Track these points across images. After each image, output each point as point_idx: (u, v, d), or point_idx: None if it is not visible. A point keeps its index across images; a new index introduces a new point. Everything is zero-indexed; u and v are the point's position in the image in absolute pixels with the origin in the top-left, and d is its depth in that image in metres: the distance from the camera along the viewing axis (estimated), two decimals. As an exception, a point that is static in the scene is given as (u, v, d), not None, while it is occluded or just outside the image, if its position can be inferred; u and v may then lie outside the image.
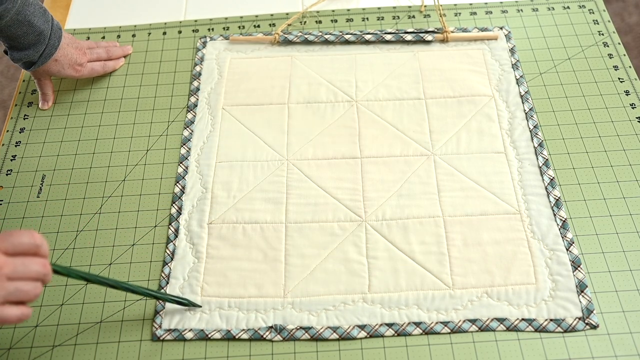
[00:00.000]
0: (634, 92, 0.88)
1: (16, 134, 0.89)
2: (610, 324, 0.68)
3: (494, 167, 0.81)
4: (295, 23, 1.00)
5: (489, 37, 0.95)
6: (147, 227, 0.78)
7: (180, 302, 0.69)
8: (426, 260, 0.73)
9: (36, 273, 0.56)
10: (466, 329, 0.68)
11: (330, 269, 0.73)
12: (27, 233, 0.56)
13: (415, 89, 0.90)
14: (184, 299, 0.69)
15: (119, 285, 0.65)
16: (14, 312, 0.55)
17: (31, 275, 0.56)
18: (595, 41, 0.95)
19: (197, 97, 0.91)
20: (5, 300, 0.54)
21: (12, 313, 0.55)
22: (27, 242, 0.56)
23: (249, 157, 0.83)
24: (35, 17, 0.82)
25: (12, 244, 0.55)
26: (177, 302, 0.69)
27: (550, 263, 0.72)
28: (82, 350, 0.69)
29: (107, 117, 0.90)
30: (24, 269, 0.55)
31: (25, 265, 0.55)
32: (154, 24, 1.02)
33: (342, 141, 0.84)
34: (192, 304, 0.70)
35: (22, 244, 0.56)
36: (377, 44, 0.96)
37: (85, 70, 0.91)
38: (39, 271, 0.56)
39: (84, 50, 0.91)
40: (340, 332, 0.68)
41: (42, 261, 0.57)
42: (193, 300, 0.71)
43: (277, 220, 0.77)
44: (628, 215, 0.76)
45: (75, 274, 0.61)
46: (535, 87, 0.90)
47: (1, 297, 0.54)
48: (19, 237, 0.56)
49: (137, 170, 0.84)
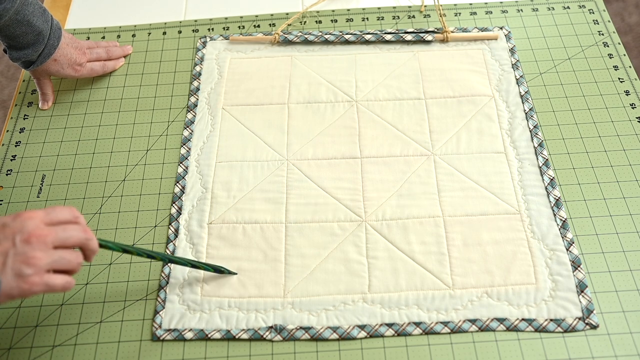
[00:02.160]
0: (634, 92, 0.88)
1: (16, 134, 0.89)
2: (610, 324, 0.68)
3: (494, 167, 0.81)
4: (295, 23, 1.00)
5: (489, 37, 0.95)
6: (147, 227, 0.78)
7: (218, 269, 0.71)
8: (426, 260, 0.73)
9: (78, 238, 0.59)
10: (466, 329, 0.68)
11: (330, 269, 0.73)
12: (67, 208, 0.60)
13: (415, 89, 0.90)
14: (221, 267, 0.72)
15: (159, 256, 0.68)
16: (60, 280, 0.57)
17: (74, 240, 0.58)
18: (595, 41, 0.95)
19: (197, 97, 0.91)
20: (51, 267, 0.57)
21: (58, 281, 0.57)
22: (66, 215, 0.59)
23: (249, 157, 0.83)
24: (34, 17, 0.82)
25: (53, 217, 0.58)
26: (215, 271, 0.71)
27: (550, 263, 0.72)
28: (82, 350, 0.69)
29: (107, 117, 0.90)
30: (66, 235, 0.58)
31: (66, 231, 0.58)
32: (154, 24, 1.02)
33: (342, 141, 0.84)
34: (228, 271, 0.72)
35: (62, 217, 0.59)
36: (377, 44, 0.96)
37: (84, 70, 0.91)
38: (81, 236, 0.59)
39: (84, 50, 0.91)
40: (340, 332, 0.68)
41: (82, 227, 0.60)
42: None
43: (277, 220, 0.77)
44: (628, 215, 0.76)
45: (115, 246, 0.64)
46: (535, 87, 0.90)
47: (47, 264, 0.56)
48: (60, 212, 0.59)
49: (137, 170, 0.84)
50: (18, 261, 0.55)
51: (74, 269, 0.58)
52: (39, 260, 0.55)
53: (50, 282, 0.56)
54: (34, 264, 0.55)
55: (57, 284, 0.57)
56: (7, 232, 0.56)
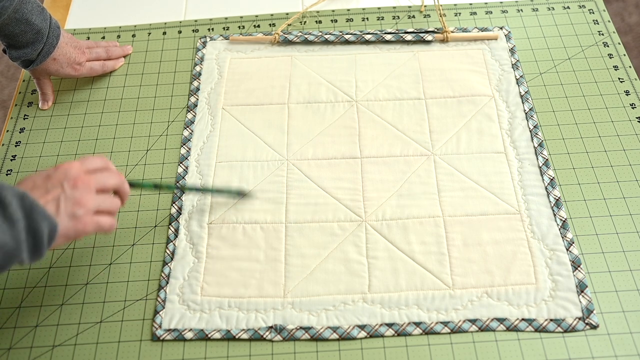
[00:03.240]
0: (634, 92, 0.88)
1: (16, 134, 0.89)
2: (610, 324, 0.68)
3: (494, 167, 0.81)
4: (295, 23, 1.00)
5: (489, 37, 0.95)
6: (147, 227, 0.78)
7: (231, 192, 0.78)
8: (426, 260, 0.73)
9: (115, 182, 0.65)
10: (466, 329, 0.68)
11: (330, 269, 0.73)
12: (98, 157, 0.66)
13: (415, 89, 0.90)
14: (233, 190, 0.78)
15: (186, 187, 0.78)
16: (108, 220, 0.64)
17: (111, 184, 0.65)
18: (595, 41, 0.95)
19: (197, 97, 0.91)
20: (98, 209, 0.63)
21: (105, 221, 0.63)
22: (100, 163, 0.65)
23: (249, 157, 0.83)
24: (33, 15, 0.82)
25: (89, 165, 0.64)
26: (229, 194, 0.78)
27: (550, 263, 0.72)
28: (82, 350, 0.69)
29: (107, 117, 0.90)
30: (104, 180, 0.64)
31: (106, 177, 0.64)
32: (154, 24, 1.02)
33: (342, 141, 0.84)
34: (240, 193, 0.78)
35: (97, 165, 0.65)
36: (377, 44, 0.96)
37: (84, 69, 0.91)
38: (117, 180, 0.66)
39: (83, 49, 0.91)
40: (340, 332, 0.68)
41: (116, 173, 0.66)
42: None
43: (277, 220, 0.77)
44: (628, 215, 0.76)
45: (147, 184, 0.73)
46: (535, 87, 0.90)
47: (95, 206, 0.62)
48: (93, 161, 0.65)
49: (137, 170, 0.84)
50: (70, 204, 0.60)
51: (114, 210, 0.65)
52: (88, 202, 0.61)
53: (100, 222, 0.62)
54: (84, 205, 0.60)
55: (106, 223, 0.63)
56: (53, 181, 0.60)
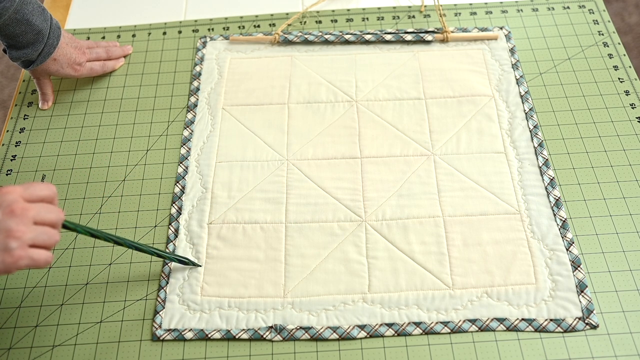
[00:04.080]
0: (634, 92, 0.88)
1: (16, 134, 0.89)
2: (610, 324, 0.68)
3: (494, 167, 0.81)
4: (295, 23, 1.00)
5: (489, 37, 0.95)
6: (147, 227, 0.78)
7: (181, 260, 0.72)
8: (426, 260, 0.73)
9: (55, 218, 0.59)
10: (466, 329, 0.68)
11: (330, 269, 0.73)
12: (45, 185, 0.61)
13: (415, 89, 0.90)
14: (185, 258, 0.72)
15: (125, 243, 0.67)
16: (43, 254, 0.58)
17: (51, 219, 0.59)
18: (595, 41, 0.95)
19: (197, 97, 0.91)
20: (33, 242, 0.57)
21: (40, 255, 0.57)
22: (44, 194, 0.60)
23: (249, 157, 0.83)
24: (33, 16, 0.82)
25: (32, 193, 0.59)
26: (179, 261, 0.72)
27: (550, 263, 0.72)
28: (82, 350, 0.69)
29: (107, 117, 0.90)
30: (46, 213, 0.58)
31: (47, 210, 0.59)
32: (154, 24, 1.02)
33: (342, 141, 0.84)
34: (192, 263, 0.73)
35: (40, 195, 0.59)
36: (377, 44, 0.96)
37: (84, 69, 0.91)
38: (57, 217, 0.60)
39: (83, 49, 0.91)
40: (340, 332, 0.68)
41: (58, 209, 0.60)
42: (193, 297, 0.71)
43: (277, 220, 0.77)
44: (628, 215, 0.76)
45: (83, 230, 0.64)
46: (535, 87, 0.90)
47: (30, 239, 0.56)
48: (39, 188, 0.59)
49: (137, 170, 0.84)
50: (2, 235, 0.55)
51: (51, 245, 0.59)
52: (22, 234, 0.55)
53: (34, 257, 0.57)
54: (18, 237, 0.55)
55: (41, 257, 0.57)
56: None
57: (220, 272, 0.73)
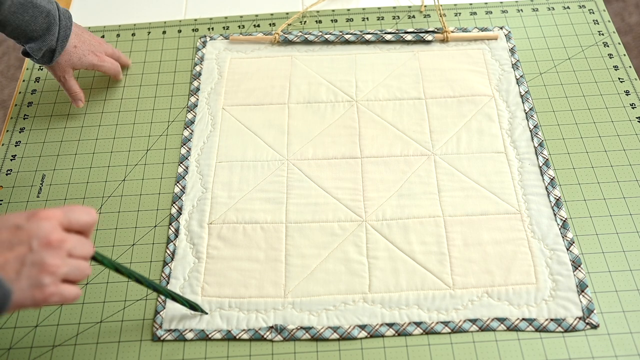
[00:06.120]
0: (634, 92, 0.88)
1: (16, 133, 0.89)
2: (610, 323, 0.68)
3: (494, 167, 0.81)
4: (295, 23, 1.00)
5: (489, 37, 0.95)
6: (147, 227, 0.78)
7: (193, 306, 0.69)
8: (426, 260, 0.73)
9: (89, 252, 0.55)
10: (466, 328, 0.68)
11: (330, 269, 0.73)
12: (85, 210, 0.55)
13: (416, 88, 0.90)
14: (196, 305, 0.69)
15: (144, 282, 0.63)
16: (73, 290, 0.53)
17: (85, 254, 0.54)
18: (595, 41, 0.95)
19: (197, 97, 0.91)
20: (66, 277, 0.52)
21: (72, 291, 0.53)
22: (85, 221, 0.55)
23: (249, 157, 0.83)
24: None
25: (72, 220, 0.54)
26: (190, 307, 0.69)
27: (551, 263, 0.72)
28: (82, 350, 0.69)
29: (107, 117, 0.90)
30: (82, 248, 0.54)
31: (82, 244, 0.54)
32: (153, 23, 1.02)
33: (342, 141, 0.84)
34: (202, 310, 0.70)
35: (81, 222, 0.54)
36: (377, 44, 0.96)
37: (106, 59, 0.89)
38: (90, 252, 0.55)
39: (97, 38, 0.90)
40: (341, 332, 0.68)
41: (91, 243, 0.56)
42: (194, 300, 0.71)
43: (277, 220, 0.77)
44: (628, 215, 0.76)
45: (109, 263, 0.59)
46: (535, 87, 0.90)
47: (63, 273, 0.52)
48: (80, 215, 0.54)
49: (137, 170, 0.84)
50: (35, 269, 0.50)
51: (82, 280, 0.55)
52: (57, 269, 0.51)
53: (65, 293, 0.52)
54: (52, 272, 0.51)
55: (71, 294, 0.53)
56: (22, 235, 0.50)
57: (220, 272, 0.73)
